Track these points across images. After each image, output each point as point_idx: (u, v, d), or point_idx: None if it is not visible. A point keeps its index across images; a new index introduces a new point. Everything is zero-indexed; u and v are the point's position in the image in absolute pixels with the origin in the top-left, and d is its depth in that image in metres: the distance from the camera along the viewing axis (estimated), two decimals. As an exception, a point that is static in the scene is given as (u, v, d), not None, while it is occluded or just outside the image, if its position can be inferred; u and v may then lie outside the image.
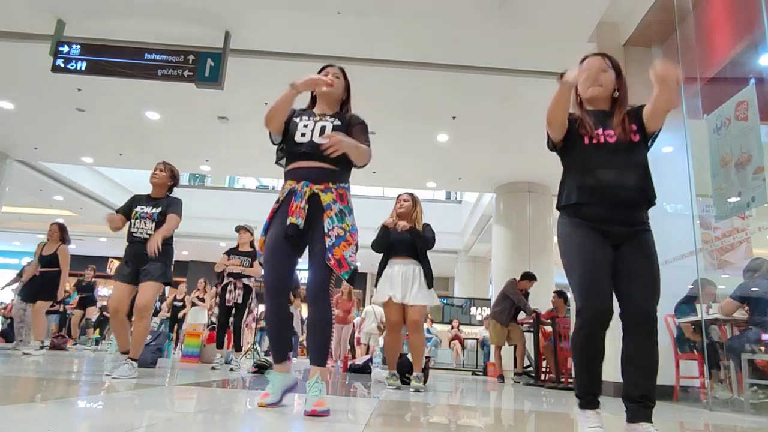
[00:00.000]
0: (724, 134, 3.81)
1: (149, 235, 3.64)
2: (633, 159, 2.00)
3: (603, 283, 1.90)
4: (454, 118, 7.58)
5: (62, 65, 5.69)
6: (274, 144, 2.56)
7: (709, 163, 3.97)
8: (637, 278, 1.92)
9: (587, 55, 2.21)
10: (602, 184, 1.96)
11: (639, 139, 2.03)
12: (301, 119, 2.43)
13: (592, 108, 2.15)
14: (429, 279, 4.23)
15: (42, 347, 6.02)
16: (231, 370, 5.32)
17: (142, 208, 3.76)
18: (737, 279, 4.23)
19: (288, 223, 2.23)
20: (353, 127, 2.43)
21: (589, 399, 1.96)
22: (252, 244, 5.85)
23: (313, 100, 2.60)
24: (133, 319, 3.73)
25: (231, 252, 5.81)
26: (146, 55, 5.72)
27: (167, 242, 3.71)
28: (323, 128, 2.36)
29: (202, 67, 5.67)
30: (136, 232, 3.70)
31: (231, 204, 14.91)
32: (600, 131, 2.03)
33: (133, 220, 3.73)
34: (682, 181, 4.32)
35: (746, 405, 3.62)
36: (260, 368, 5.00)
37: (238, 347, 5.58)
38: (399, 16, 5.45)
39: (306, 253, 2.38)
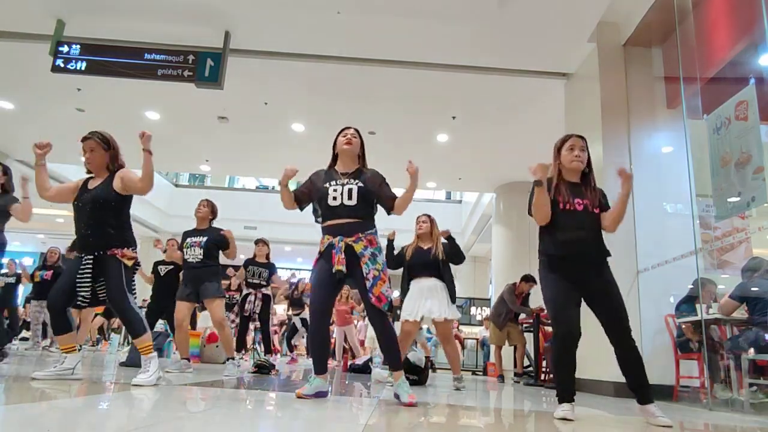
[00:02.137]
0: (724, 134, 3.81)
1: (199, 260, 4.42)
2: (593, 223, 2.74)
3: (570, 313, 2.61)
4: (454, 118, 7.58)
5: (62, 65, 5.69)
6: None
7: (709, 163, 3.97)
8: (608, 304, 2.64)
9: (569, 135, 2.86)
10: (571, 239, 2.68)
11: (598, 212, 2.78)
12: (329, 185, 2.95)
13: (568, 178, 2.83)
14: (452, 294, 4.54)
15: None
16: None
17: (191, 238, 4.52)
18: (737, 279, 4.22)
19: (335, 270, 2.80)
20: (381, 186, 3.01)
21: (565, 395, 2.61)
22: (268, 256, 6.16)
23: (335, 158, 3.12)
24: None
25: (249, 263, 6.03)
26: (146, 55, 5.73)
27: (214, 264, 4.49)
28: (350, 191, 2.90)
29: (202, 67, 5.67)
30: (189, 259, 4.48)
31: (231, 204, 14.92)
32: (572, 200, 2.74)
33: (186, 250, 4.52)
34: (682, 181, 4.32)
35: (746, 405, 3.62)
36: (260, 368, 5.01)
37: (268, 350, 6.00)
38: (399, 16, 5.45)
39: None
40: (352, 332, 8.63)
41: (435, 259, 4.53)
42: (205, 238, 4.48)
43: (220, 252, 4.61)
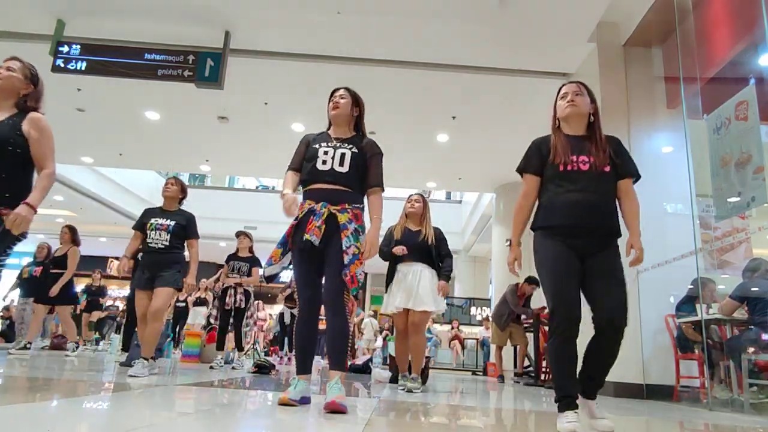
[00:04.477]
0: (724, 134, 3.81)
1: (164, 245, 3.96)
2: (602, 187, 2.23)
3: (571, 293, 2.13)
4: (454, 118, 7.58)
5: (62, 65, 5.69)
6: None
7: (709, 163, 3.97)
8: (602, 290, 2.15)
9: (563, 84, 2.44)
10: (573, 202, 2.19)
11: (610, 170, 2.27)
12: (320, 146, 2.59)
13: (570, 132, 2.36)
14: (448, 270, 4.19)
15: (77, 347, 6.38)
16: (233, 368, 5.45)
17: (156, 220, 4.04)
18: (737, 279, 4.23)
19: (304, 238, 2.42)
20: (372, 158, 2.63)
21: (567, 401, 2.10)
22: (251, 250, 5.96)
23: (330, 124, 2.76)
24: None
25: (230, 258, 5.90)
26: (146, 55, 5.73)
27: (179, 251, 4.06)
28: (343, 156, 2.55)
29: (202, 67, 5.67)
30: (151, 243, 3.98)
31: (231, 204, 14.92)
32: (574, 158, 2.25)
33: (148, 231, 4.01)
34: (682, 181, 4.32)
35: (746, 405, 3.62)
36: (260, 368, 5.01)
37: (240, 347, 5.82)
38: (399, 16, 5.44)
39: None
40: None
41: (424, 243, 4.14)
42: (173, 222, 4.04)
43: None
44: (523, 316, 7.07)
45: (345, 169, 2.52)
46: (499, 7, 5.11)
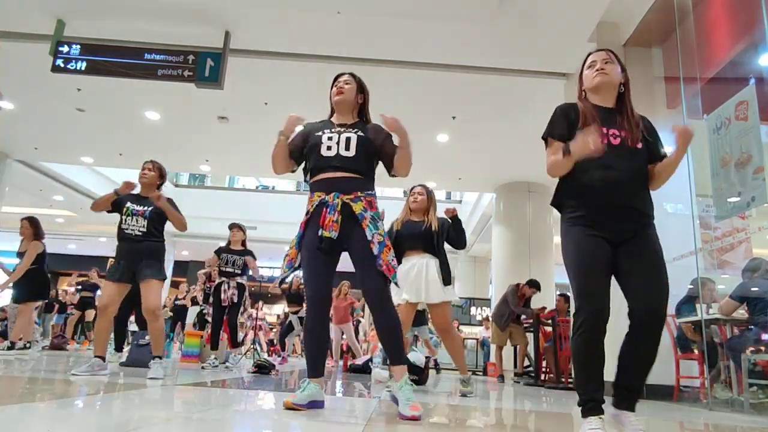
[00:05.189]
0: (724, 134, 3.81)
1: (141, 232, 3.70)
2: (633, 165, 2.00)
3: (599, 285, 1.90)
4: (454, 118, 7.58)
5: (62, 65, 5.68)
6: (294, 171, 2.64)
7: (709, 163, 3.97)
8: (640, 276, 1.92)
9: (590, 52, 2.19)
10: (602, 185, 1.94)
11: (642, 147, 2.04)
12: (323, 133, 2.46)
13: (598, 103, 2.10)
14: (446, 273, 3.86)
15: (13, 348, 5.66)
16: (227, 367, 5.24)
17: (132, 205, 3.77)
18: (737, 279, 4.23)
19: (322, 236, 2.26)
20: (384, 141, 2.47)
21: (591, 405, 1.88)
22: (244, 243, 5.81)
23: (333, 111, 2.64)
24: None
25: (221, 250, 5.74)
26: (146, 55, 5.72)
27: (159, 240, 3.82)
28: (348, 140, 2.40)
29: (202, 67, 5.67)
30: (127, 229, 3.72)
31: (231, 204, 14.91)
32: (605, 130, 2.00)
33: (123, 217, 3.74)
34: (682, 181, 4.32)
35: (746, 405, 3.62)
36: (260, 368, 5.00)
37: (235, 344, 5.58)
38: (399, 16, 5.44)
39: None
40: (350, 330, 8.46)
41: (428, 231, 3.88)
42: (150, 208, 3.76)
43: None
44: (523, 316, 7.07)
45: (351, 153, 2.36)
46: (499, 6, 5.11)
